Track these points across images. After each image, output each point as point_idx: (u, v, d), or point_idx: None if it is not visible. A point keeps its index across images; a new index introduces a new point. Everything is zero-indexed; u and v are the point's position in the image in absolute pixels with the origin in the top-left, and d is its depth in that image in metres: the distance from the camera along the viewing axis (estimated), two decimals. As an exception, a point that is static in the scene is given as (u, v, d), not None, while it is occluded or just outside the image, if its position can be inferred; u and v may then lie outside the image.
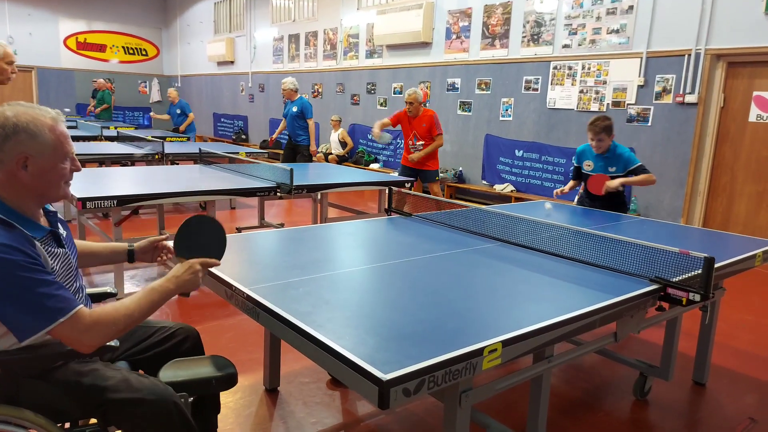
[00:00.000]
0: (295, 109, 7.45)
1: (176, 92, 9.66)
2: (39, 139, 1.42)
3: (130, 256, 1.89)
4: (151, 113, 10.45)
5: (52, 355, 1.50)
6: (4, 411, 1.44)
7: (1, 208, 1.42)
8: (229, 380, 1.73)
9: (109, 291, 1.96)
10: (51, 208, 1.64)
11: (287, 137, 7.70)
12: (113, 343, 1.54)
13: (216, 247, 1.69)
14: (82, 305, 1.43)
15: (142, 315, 1.50)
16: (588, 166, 4.03)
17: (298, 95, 7.57)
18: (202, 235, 1.69)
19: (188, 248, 1.67)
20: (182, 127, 9.46)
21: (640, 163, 3.87)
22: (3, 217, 1.40)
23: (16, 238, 1.37)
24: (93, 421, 1.60)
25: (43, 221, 1.57)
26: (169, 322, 1.96)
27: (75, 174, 1.57)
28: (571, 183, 4.23)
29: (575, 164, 4.15)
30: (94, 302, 1.84)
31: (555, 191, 4.19)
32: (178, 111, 9.48)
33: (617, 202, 3.96)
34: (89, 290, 1.82)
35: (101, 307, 1.49)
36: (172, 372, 1.70)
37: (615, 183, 3.77)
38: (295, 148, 7.59)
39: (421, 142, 6.19)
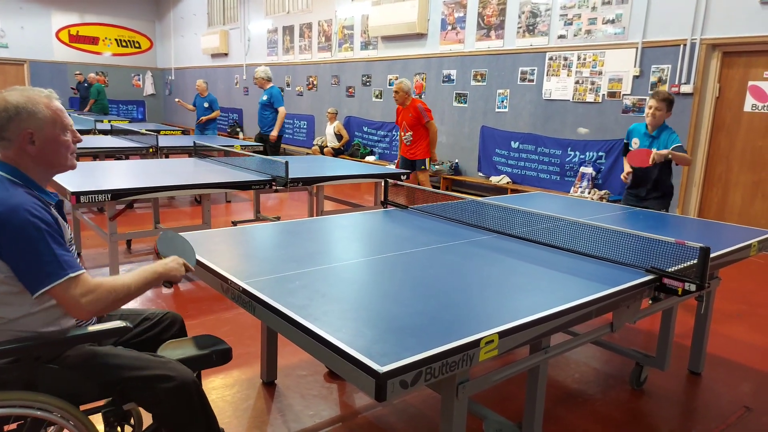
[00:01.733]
0: (264, 98, 7.44)
1: (205, 84, 9.26)
2: (38, 115, 1.56)
3: None
4: (177, 100, 9.83)
5: (67, 340, 1.55)
6: (24, 396, 1.47)
7: (20, 176, 1.57)
8: (225, 354, 1.83)
9: None
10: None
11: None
12: (125, 324, 1.60)
13: (190, 256, 1.88)
14: (85, 271, 1.54)
15: (138, 290, 1.62)
16: (635, 143, 4.14)
17: (270, 84, 7.55)
18: (178, 244, 1.92)
19: (170, 249, 1.89)
20: (204, 118, 9.01)
21: (681, 144, 3.96)
22: (21, 182, 1.56)
23: (34, 201, 1.52)
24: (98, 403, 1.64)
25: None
26: (155, 309, 2.01)
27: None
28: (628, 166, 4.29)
29: (625, 141, 4.27)
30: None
31: (623, 176, 4.20)
32: (206, 105, 9.08)
33: (664, 189, 4.03)
34: None
35: (103, 278, 1.59)
36: (170, 351, 1.76)
37: (663, 152, 3.82)
38: (263, 138, 7.58)
39: (410, 133, 6.27)
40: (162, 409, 1.60)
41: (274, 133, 7.46)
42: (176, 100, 9.34)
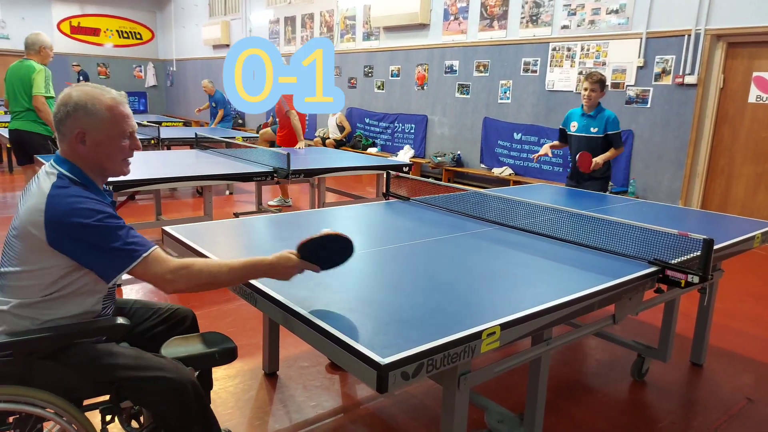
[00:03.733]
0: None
1: (210, 83, 8.73)
2: (95, 117, 1.55)
3: None
4: (197, 110, 9.46)
5: (64, 336, 1.53)
6: (17, 391, 1.46)
7: (78, 173, 1.57)
8: (230, 353, 1.78)
9: None
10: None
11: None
12: (123, 321, 1.59)
13: (330, 262, 1.70)
14: (158, 246, 1.55)
15: (229, 281, 1.59)
16: (573, 126, 4.34)
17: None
18: (329, 251, 1.68)
19: (310, 252, 1.64)
20: (213, 124, 8.68)
21: (619, 131, 4.20)
22: (79, 180, 1.56)
23: (93, 196, 1.53)
24: (104, 398, 1.63)
25: None
26: (167, 303, 1.98)
27: None
28: (548, 145, 4.47)
29: (561, 127, 4.43)
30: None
31: (534, 156, 4.57)
32: (213, 104, 8.77)
33: (603, 175, 4.25)
34: None
35: (195, 258, 1.62)
36: (174, 348, 1.74)
37: (599, 159, 4.07)
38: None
39: (278, 120, 6.25)
40: (157, 409, 1.57)
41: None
42: (196, 110, 9.16)
